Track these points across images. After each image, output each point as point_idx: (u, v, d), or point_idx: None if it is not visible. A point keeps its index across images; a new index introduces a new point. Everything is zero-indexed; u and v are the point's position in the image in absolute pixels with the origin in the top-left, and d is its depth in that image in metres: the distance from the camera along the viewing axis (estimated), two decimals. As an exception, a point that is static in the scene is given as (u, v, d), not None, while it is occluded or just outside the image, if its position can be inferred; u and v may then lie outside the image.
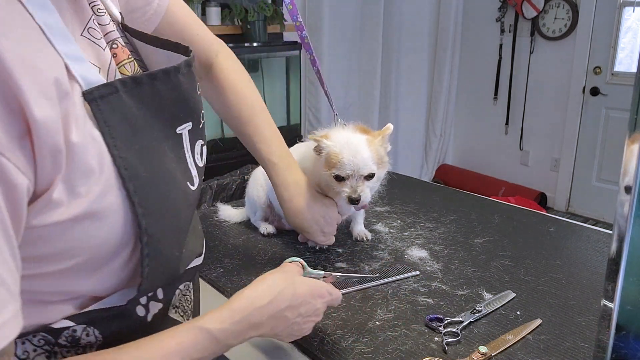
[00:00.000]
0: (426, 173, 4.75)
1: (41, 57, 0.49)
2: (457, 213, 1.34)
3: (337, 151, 0.98)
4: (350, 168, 0.97)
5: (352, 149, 0.98)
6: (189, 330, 0.61)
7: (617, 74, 3.85)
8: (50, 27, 0.52)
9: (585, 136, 4.05)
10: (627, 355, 0.57)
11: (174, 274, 0.66)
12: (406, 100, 4.40)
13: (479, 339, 0.82)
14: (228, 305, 0.66)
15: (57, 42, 0.52)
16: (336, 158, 0.98)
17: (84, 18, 0.62)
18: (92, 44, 0.61)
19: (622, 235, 0.53)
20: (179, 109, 0.64)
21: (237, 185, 1.49)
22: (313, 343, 0.81)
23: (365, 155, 0.98)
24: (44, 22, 0.51)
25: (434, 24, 4.43)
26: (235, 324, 0.64)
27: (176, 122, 0.64)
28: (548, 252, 1.13)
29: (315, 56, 1.15)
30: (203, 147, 0.70)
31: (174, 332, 0.60)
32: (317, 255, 1.10)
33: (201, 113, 0.69)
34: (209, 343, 0.61)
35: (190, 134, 0.66)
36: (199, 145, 0.69)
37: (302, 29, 1.12)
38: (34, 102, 0.46)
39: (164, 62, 0.68)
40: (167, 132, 0.62)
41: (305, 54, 3.59)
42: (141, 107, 0.58)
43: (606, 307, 0.57)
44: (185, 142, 0.66)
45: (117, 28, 0.69)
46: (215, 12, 2.93)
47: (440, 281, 1.00)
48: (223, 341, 0.63)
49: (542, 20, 4.08)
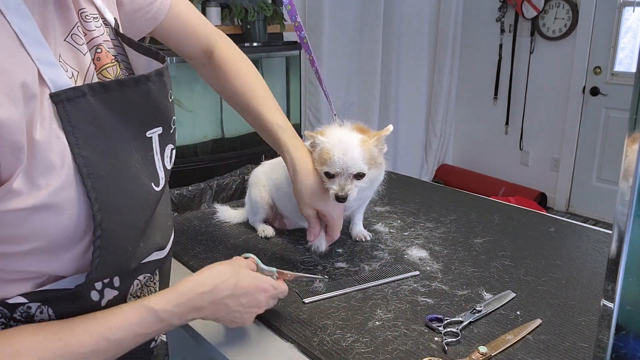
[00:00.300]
0: (426, 173, 4.75)
1: (11, 62, 0.55)
2: (457, 213, 1.34)
3: (329, 148, 0.99)
4: (340, 166, 0.98)
5: (343, 147, 0.98)
6: (136, 309, 0.66)
7: (617, 74, 3.85)
8: (25, 33, 0.57)
9: (585, 136, 4.05)
10: (627, 355, 0.57)
11: (124, 267, 0.69)
12: (406, 100, 4.40)
13: (479, 339, 0.82)
14: (174, 288, 0.71)
15: (30, 47, 0.57)
16: (327, 155, 0.98)
17: (69, 24, 0.66)
18: (74, 48, 0.66)
19: (622, 235, 0.53)
20: (148, 114, 0.69)
21: (237, 185, 1.49)
22: (313, 343, 0.81)
23: (356, 154, 0.98)
24: (19, 28, 0.56)
25: (434, 24, 4.43)
26: (178, 306, 0.69)
27: (146, 127, 0.69)
28: (548, 252, 1.13)
29: (314, 56, 1.15)
30: (172, 151, 0.75)
31: (122, 309, 0.66)
32: (316, 255, 1.10)
33: (172, 119, 0.74)
34: (153, 321, 0.67)
35: (160, 138, 0.71)
36: (169, 149, 0.74)
37: (301, 29, 1.13)
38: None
39: (146, 67, 0.73)
40: (135, 135, 0.67)
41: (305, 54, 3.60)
42: (109, 111, 0.63)
43: (606, 307, 0.57)
44: (155, 145, 0.70)
45: (110, 32, 0.74)
46: (215, 12, 2.93)
47: (440, 281, 1.00)
48: (166, 320, 0.68)
49: (542, 20, 4.08)
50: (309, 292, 0.95)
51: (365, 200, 1.18)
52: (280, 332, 0.86)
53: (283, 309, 0.90)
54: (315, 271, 1.03)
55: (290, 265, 1.06)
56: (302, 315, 0.89)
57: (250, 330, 0.88)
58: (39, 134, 0.56)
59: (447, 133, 4.79)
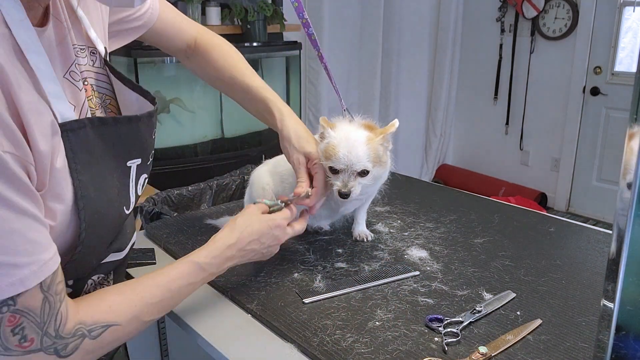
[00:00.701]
0: (426, 173, 4.75)
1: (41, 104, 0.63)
2: (457, 213, 1.34)
3: (335, 144, 1.00)
4: (344, 163, 0.99)
5: (349, 144, 0.99)
6: (185, 263, 0.83)
7: (617, 73, 3.85)
8: (40, 70, 0.63)
9: (585, 136, 4.05)
10: (627, 355, 0.57)
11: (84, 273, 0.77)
12: (406, 100, 4.40)
13: (479, 339, 0.82)
14: (208, 245, 0.87)
15: (45, 83, 0.64)
16: (333, 151, 1.00)
17: (68, 62, 0.73)
18: (72, 85, 0.73)
19: (622, 235, 0.53)
20: (133, 147, 0.78)
21: (237, 185, 1.49)
22: (313, 343, 0.81)
23: (361, 152, 0.99)
24: (36, 66, 0.63)
25: (434, 24, 4.43)
26: (214, 258, 0.85)
27: (128, 157, 0.78)
28: (548, 252, 1.13)
29: (322, 52, 1.15)
30: (145, 180, 0.85)
31: (174, 265, 0.82)
32: (316, 255, 1.10)
33: (151, 152, 0.84)
34: (199, 271, 0.83)
35: (138, 168, 0.80)
36: (143, 178, 0.83)
37: (309, 25, 1.12)
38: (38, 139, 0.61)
39: (133, 101, 0.82)
40: (118, 163, 0.76)
41: (311, 52, 3.59)
42: (101, 142, 0.72)
43: (606, 307, 0.57)
44: (132, 174, 0.80)
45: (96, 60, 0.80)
46: (215, 12, 2.93)
47: (440, 281, 1.00)
48: (207, 270, 0.84)
49: (542, 20, 4.08)
50: (309, 292, 0.95)
51: (369, 199, 1.18)
52: (280, 332, 0.86)
53: (283, 309, 0.90)
54: (315, 271, 1.03)
55: (290, 265, 1.06)
56: (302, 315, 0.89)
57: (251, 330, 0.88)
58: (58, 162, 0.64)
59: (447, 133, 4.79)
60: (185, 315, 0.91)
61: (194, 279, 0.83)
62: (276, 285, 0.98)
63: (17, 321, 0.60)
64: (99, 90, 0.81)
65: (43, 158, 0.61)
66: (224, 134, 2.97)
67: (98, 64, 0.81)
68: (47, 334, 0.62)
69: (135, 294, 0.75)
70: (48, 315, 0.62)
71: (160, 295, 0.77)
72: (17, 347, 0.60)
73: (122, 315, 0.71)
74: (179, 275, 0.80)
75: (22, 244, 0.59)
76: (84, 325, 0.67)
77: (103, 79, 0.82)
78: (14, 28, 0.61)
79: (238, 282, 0.99)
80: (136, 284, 0.77)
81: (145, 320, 0.76)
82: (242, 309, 0.93)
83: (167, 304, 0.80)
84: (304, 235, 1.19)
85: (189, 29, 1.11)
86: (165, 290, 0.78)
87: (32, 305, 0.60)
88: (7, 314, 0.59)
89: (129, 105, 0.82)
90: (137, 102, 0.82)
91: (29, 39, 0.62)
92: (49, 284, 0.62)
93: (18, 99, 0.59)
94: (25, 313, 0.60)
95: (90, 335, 0.67)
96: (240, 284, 0.99)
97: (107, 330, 0.69)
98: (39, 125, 0.61)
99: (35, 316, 0.61)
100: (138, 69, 2.62)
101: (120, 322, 0.71)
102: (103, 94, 0.81)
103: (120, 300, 0.73)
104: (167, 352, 1.31)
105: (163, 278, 0.79)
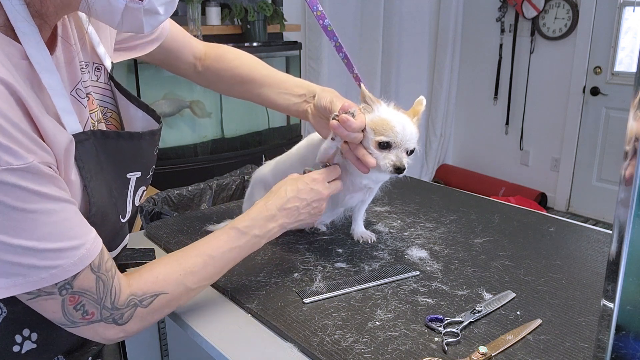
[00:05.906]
0: (426, 173, 4.75)
1: (57, 127, 0.66)
2: (457, 213, 1.34)
3: (388, 119, 1.00)
4: (400, 138, 1.00)
5: (402, 121, 1.01)
6: (225, 231, 0.88)
7: (617, 73, 3.85)
8: (53, 88, 0.67)
9: (585, 136, 4.05)
10: (627, 355, 0.57)
11: None
12: (406, 100, 4.35)
13: (479, 339, 0.82)
14: (246, 212, 0.92)
15: (56, 99, 0.67)
16: (387, 125, 0.99)
17: (75, 80, 0.76)
18: (77, 102, 0.76)
19: (622, 235, 0.53)
20: (133, 161, 0.82)
21: (237, 185, 1.49)
22: (313, 343, 0.81)
23: (414, 130, 1.02)
24: (48, 84, 0.66)
25: (434, 24, 4.43)
26: (253, 220, 0.90)
27: (128, 170, 0.81)
28: (548, 252, 1.13)
29: (341, 42, 1.13)
30: (144, 192, 0.88)
31: (215, 234, 0.88)
32: (316, 255, 1.10)
33: (152, 167, 0.87)
34: (239, 235, 0.88)
35: (137, 180, 0.83)
36: (141, 190, 0.86)
37: (324, 17, 1.09)
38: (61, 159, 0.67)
39: (139, 118, 0.85)
40: (119, 175, 0.79)
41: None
42: (104, 153, 0.76)
43: (606, 307, 0.57)
44: (131, 185, 0.83)
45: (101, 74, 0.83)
46: (215, 12, 2.93)
47: (440, 281, 1.00)
48: (249, 233, 0.88)
49: (542, 20, 4.08)
50: (309, 292, 0.95)
51: (371, 195, 1.17)
52: (280, 332, 0.86)
53: (283, 309, 0.90)
54: (315, 271, 1.03)
55: (290, 265, 1.06)
56: (302, 315, 0.89)
57: (251, 330, 0.88)
58: (72, 175, 0.69)
59: (447, 133, 4.79)
60: (185, 315, 0.91)
61: (236, 243, 0.87)
62: (276, 285, 0.98)
63: (77, 300, 0.68)
64: (101, 104, 0.83)
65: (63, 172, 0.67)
66: (224, 134, 2.97)
67: (103, 79, 0.84)
68: (104, 307, 0.71)
69: (179, 264, 0.81)
70: (103, 292, 0.70)
71: (203, 263, 0.83)
72: (82, 319, 0.70)
73: (168, 285, 0.79)
74: (219, 242, 0.86)
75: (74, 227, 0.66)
76: (136, 296, 0.75)
77: (107, 94, 0.85)
78: (29, 49, 0.64)
79: (238, 282, 0.99)
80: (180, 255, 0.83)
81: (192, 288, 0.82)
82: (242, 308, 0.93)
83: (212, 271, 0.85)
84: (304, 235, 1.19)
85: (198, 43, 1.14)
86: (207, 257, 0.84)
87: (87, 286, 0.68)
88: (68, 295, 0.67)
89: (134, 122, 0.85)
90: (142, 119, 0.85)
91: (43, 60, 0.66)
92: (98, 264, 0.69)
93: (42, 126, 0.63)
94: (82, 293, 0.68)
95: (141, 304, 0.75)
96: (240, 284, 0.99)
97: (157, 298, 0.77)
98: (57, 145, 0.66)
99: (92, 294, 0.69)
100: (138, 69, 2.62)
101: (167, 290, 0.78)
102: (105, 107, 0.84)
103: (166, 270, 0.80)
104: (167, 352, 1.31)
105: (204, 246, 0.85)
